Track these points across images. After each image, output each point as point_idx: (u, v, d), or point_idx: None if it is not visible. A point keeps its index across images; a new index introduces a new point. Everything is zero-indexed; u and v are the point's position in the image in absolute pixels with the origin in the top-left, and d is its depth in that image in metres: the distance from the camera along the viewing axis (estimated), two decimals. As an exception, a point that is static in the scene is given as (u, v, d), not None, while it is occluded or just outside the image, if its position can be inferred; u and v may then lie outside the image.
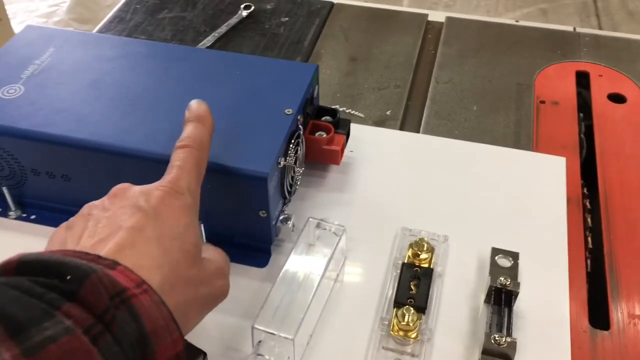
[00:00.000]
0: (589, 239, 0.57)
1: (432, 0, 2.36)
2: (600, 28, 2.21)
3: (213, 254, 0.43)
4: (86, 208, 0.40)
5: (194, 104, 0.46)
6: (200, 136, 0.44)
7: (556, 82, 0.73)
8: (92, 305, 0.31)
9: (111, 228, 0.37)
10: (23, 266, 0.32)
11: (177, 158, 0.42)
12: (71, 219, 0.40)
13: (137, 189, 0.40)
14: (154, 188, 0.40)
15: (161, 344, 0.33)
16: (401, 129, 0.68)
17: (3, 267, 0.32)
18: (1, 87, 0.54)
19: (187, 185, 0.41)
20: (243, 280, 0.52)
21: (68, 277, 0.31)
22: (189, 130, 0.45)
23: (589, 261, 0.55)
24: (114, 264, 0.34)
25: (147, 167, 0.49)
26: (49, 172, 0.53)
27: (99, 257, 0.34)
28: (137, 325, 0.32)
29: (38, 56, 0.58)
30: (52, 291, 0.30)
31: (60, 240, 0.38)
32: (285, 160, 0.51)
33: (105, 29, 0.82)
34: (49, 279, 0.31)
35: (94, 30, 0.82)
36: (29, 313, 0.28)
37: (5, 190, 0.55)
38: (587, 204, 0.60)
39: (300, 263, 0.50)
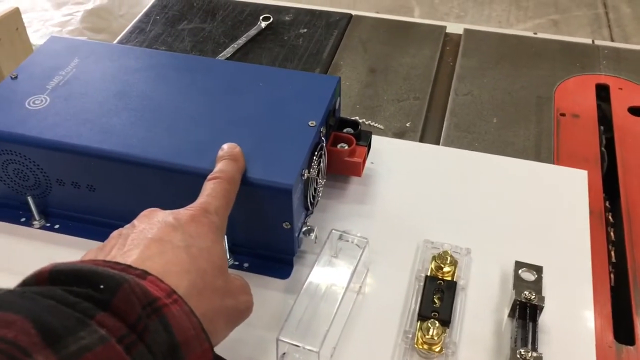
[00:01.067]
0: (612, 252, 0.57)
1: (443, 11, 2.37)
2: (612, 39, 2.20)
3: (236, 275, 0.44)
4: (116, 232, 0.41)
5: (228, 145, 0.48)
6: (232, 171, 0.46)
7: (576, 95, 0.73)
8: (125, 315, 0.31)
9: (140, 240, 0.38)
10: (56, 275, 0.32)
11: (208, 188, 0.44)
12: (102, 243, 0.41)
13: (166, 211, 0.41)
14: (183, 209, 0.41)
15: (192, 354, 0.33)
16: (421, 140, 0.68)
17: (36, 276, 0.32)
18: (27, 97, 0.55)
19: (216, 209, 0.42)
20: (265, 292, 0.52)
21: (101, 287, 0.31)
22: (221, 165, 0.46)
23: (612, 275, 0.55)
24: (144, 274, 0.34)
25: (171, 178, 0.50)
26: (74, 183, 0.53)
27: (130, 267, 0.34)
28: (168, 335, 0.32)
29: (63, 67, 0.58)
30: (85, 300, 0.30)
31: (92, 257, 0.39)
32: (308, 172, 0.51)
33: (125, 40, 0.82)
34: (81, 288, 0.31)
35: (115, 41, 0.82)
36: (65, 322, 0.29)
37: (30, 199, 0.55)
38: (610, 217, 0.60)
39: (324, 275, 0.50)
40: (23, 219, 0.57)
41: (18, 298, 0.29)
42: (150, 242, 0.37)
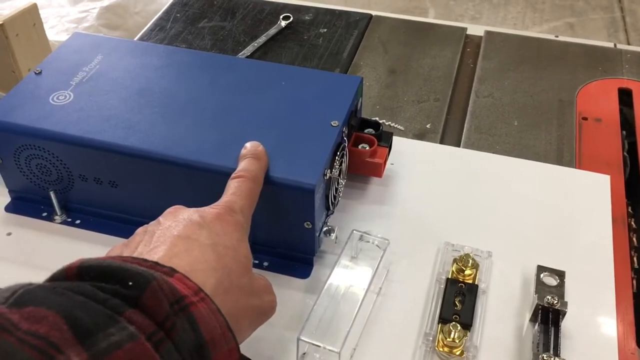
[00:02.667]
0: (635, 259, 0.56)
1: (458, 12, 2.36)
2: (628, 43, 2.19)
3: (259, 275, 0.44)
4: (141, 228, 0.41)
5: (251, 143, 0.48)
6: (255, 170, 0.46)
7: (598, 99, 0.72)
8: (153, 312, 0.31)
9: (166, 237, 0.38)
10: (84, 271, 0.32)
11: (232, 186, 0.44)
12: (127, 239, 0.41)
13: (192, 209, 0.41)
14: (208, 207, 0.41)
15: (218, 352, 0.33)
16: (441, 142, 0.68)
17: (64, 271, 0.32)
18: (51, 93, 0.55)
19: (241, 208, 0.42)
20: (285, 291, 0.52)
21: (130, 284, 0.31)
22: (244, 164, 0.46)
23: (634, 282, 0.54)
24: (171, 271, 0.34)
25: (194, 176, 0.50)
26: (97, 178, 0.53)
27: (157, 264, 0.34)
28: (195, 333, 0.32)
29: (86, 63, 0.59)
30: (114, 297, 0.30)
31: (117, 253, 0.39)
32: (330, 172, 0.51)
33: (146, 37, 0.83)
34: (110, 284, 0.31)
35: (135, 38, 0.83)
36: (95, 318, 0.29)
37: (52, 194, 0.55)
38: (632, 223, 0.59)
39: (344, 276, 0.50)
40: (44, 214, 0.57)
41: (49, 293, 0.29)
42: (176, 240, 0.37)
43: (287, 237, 0.52)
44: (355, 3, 2.26)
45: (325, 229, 0.53)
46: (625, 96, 0.73)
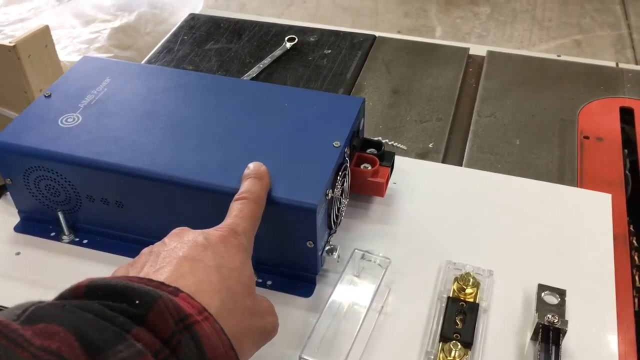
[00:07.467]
0: (636, 277, 0.56)
1: (465, 30, 2.37)
2: (635, 61, 2.19)
3: (262, 296, 0.44)
4: (146, 249, 0.42)
5: (254, 164, 0.49)
6: (258, 191, 0.47)
7: (600, 118, 0.73)
8: (159, 330, 0.32)
9: (172, 258, 0.39)
10: (92, 290, 0.33)
11: (235, 208, 0.45)
12: (133, 260, 0.42)
13: (196, 230, 0.42)
14: (213, 229, 0.42)
15: None
16: (444, 161, 0.68)
17: (73, 290, 0.33)
18: (60, 115, 0.56)
19: (244, 230, 0.43)
20: (288, 310, 0.52)
21: (137, 302, 0.32)
22: (247, 185, 0.47)
23: (636, 300, 0.55)
24: (176, 291, 0.35)
25: (198, 196, 0.51)
26: (104, 199, 0.54)
27: (163, 284, 0.35)
28: (199, 351, 0.33)
29: (95, 86, 0.60)
30: (121, 315, 0.31)
31: (123, 273, 0.40)
32: (332, 192, 0.52)
33: (154, 59, 0.84)
34: (117, 303, 0.32)
35: (143, 60, 0.84)
36: (104, 335, 0.30)
37: (60, 215, 0.56)
38: (634, 241, 0.59)
39: (346, 294, 0.51)
40: (53, 234, 0.58)
41: (60, 311, 0.30)
42: (182, 261, 0.38)
43: (290, 256, 0.53)
44: (362, 23, 2.28)
45: (327, 248, 0.54)
46: (626, 115, 0.74)
